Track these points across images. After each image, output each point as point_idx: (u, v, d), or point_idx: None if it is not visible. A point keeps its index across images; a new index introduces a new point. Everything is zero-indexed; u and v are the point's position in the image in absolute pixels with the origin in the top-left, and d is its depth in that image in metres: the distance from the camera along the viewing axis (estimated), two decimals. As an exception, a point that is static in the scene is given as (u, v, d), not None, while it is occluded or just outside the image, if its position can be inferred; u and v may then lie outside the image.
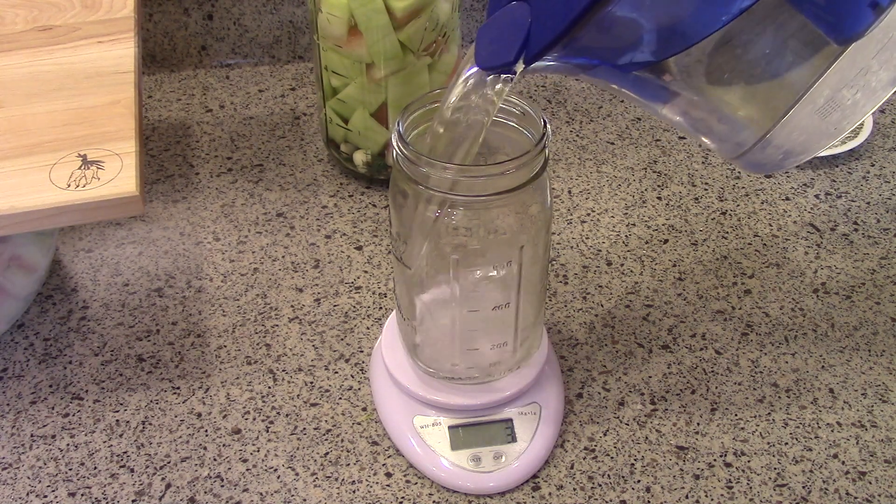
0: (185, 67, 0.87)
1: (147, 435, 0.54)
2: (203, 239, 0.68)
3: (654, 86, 0.42)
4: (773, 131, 0.42)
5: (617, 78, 0.43)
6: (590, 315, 0.62)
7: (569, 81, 0.85)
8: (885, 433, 0.54)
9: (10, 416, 0.56)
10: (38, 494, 0.51)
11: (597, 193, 0.72)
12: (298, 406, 0.56)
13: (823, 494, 0.51)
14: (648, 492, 0.51)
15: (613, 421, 0.55)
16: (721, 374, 0.58)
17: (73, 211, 0.48)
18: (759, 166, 0.45)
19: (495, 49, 0.41)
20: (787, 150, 0.43)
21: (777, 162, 0.44)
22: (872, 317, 0.62)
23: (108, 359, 0.59)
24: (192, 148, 0.77)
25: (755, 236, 0.68)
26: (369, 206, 0.71)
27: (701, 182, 0.73)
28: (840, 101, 0.40)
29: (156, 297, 0.63)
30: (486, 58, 0.41)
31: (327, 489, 0.51)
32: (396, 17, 0.62)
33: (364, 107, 0.67)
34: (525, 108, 0.46)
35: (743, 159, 0.44)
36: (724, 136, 0.44)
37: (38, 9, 0.63)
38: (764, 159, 0.44)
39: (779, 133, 0.42)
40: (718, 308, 0.62)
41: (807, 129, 0.42)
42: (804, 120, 0.41)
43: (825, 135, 0.42)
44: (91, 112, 0.54)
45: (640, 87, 0.43)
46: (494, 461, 0.51)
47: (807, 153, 0.44)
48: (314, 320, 0.62)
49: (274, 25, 0.86)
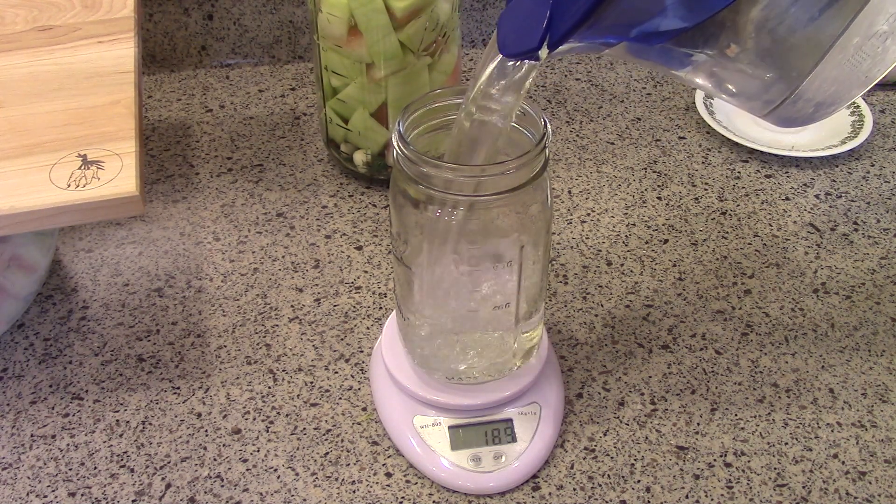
0: (185, 67, 0.87)
1: (147, 435, 0.54)
2: (203, 239, 0.68)
3: (678, 54, 0.42)
4: (803, 85, 0.40)
5: (642, 51, 0.42)
6: (590, 315, 0.62)
7: (569, 81, 0.85)
8: (885, 433, 0.54)
9: (10, 416, 0.56)
10: (38, 494, 0.51)
11: (597, 193, 0.72)
12: (298, 406, 0.56)
13: (823, 494, 0.51)
14: (648, 492, 0.51)
15: (613, 421, 0.55)
16: (721, 374, 0.58)
17: (73, 211, 0.48)
18: (791, 120, 0.44)
19: (518, 36, 0.40)
20: (818, 103, 0.42)
21: (808, 115, 0.43)
22: (872, 317, 0.62)
23: (108, 359, 0.59)
24: (192, 148, 0.77)
25: (755, 236, 0.68)
26: (369, 206, 0.71)
27: (701, 182, 0.73)
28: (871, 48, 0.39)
29: (156, 297, 0.63)
30: (509, 45, 0.41)
31: (327, 489, 0.51)
32: (396, 17, 0.62)
33: (364, 107, 0.67)
34: (525, 108, 0.46)
35: (773, 115, 0.43)
36: (753, 94, 0.43)
37: (38, 9, 0.63)
38: (795, 113, 0.43)
39: (809, 86, 0.41)
40: (718, 308, 0.62)
41: (837, 80, 0.41)
42: (835, 70, 0.40)
43: (856, 84, 0.41)
44: (91, 112, 0.54)
45: (665, 57, 0.42)
46: (494, 461, 0.51)
47: (838, 104, 0.42)
48: (314, 320, 0.62)
49: (274, 25, 0.86)
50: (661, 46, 0.41)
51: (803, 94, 0.41)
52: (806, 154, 0.74)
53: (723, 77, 0.43)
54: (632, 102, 0.83)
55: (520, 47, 0.40)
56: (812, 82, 0.40)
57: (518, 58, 0.41)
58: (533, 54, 0.40)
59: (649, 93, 0.84)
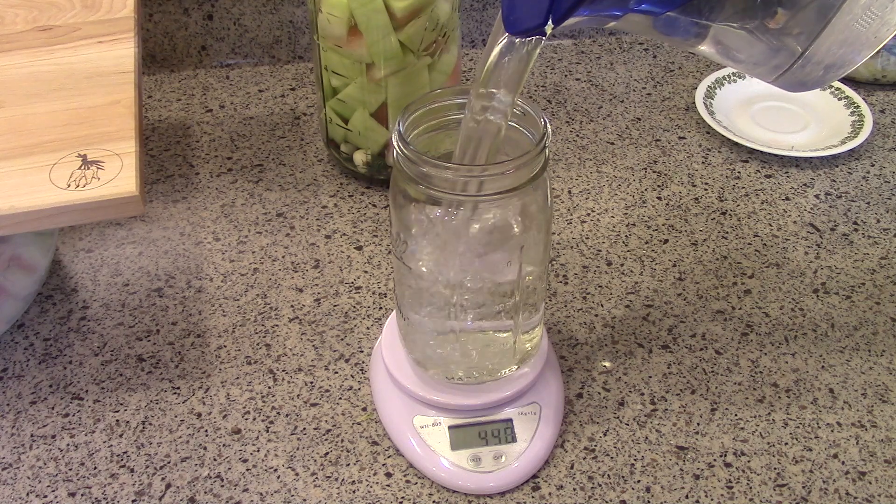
0: (185, 67, 0.87)
1: (147, 435, 0.54)
2: (203, 239, 0.68)
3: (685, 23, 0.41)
4: (811, 47, 0.40)
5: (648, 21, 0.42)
6: (590, 315, 0.62)
7: (569, 81, 0.85)
8: (885, 433, 0.54)
9: (10, 416, 0.56)
10: (38, 494, 0.51)
11: (597, 193, 0.72)
12: (298, 406, 0.56)
13: (823, 494, 0.51)
14: (648, 492, 0.51)
15: (613, 421, 0.55)
16: (721, 374, 0.58)
17: (73, 211, 0.48)
18: (800, 84, 0.44)
19: (523, 13, 0.40)
20: (827, 65, 0.42)
21: (818, 77, 0.43)
22: (872, 317, 0.62)
23: (108, 359, 0.59)
24: (192, 148, 0.77)
25: (755, 236, 0.68)
26: (369, 206, 0.71)
27: (701, 182, 0.73)
28: (879, 7, 0.39)
29: (156, 297, 0.63)
30: (514, 22, 0.41)
31: (327, 489, 0.51)
32: (396, 17, 0.62)
33: (364, 107, 0.67)
34: (525, 108, 0.46)
35: (782, 79, 0.43)
36: (760, 59, 0.43)
37: (38, 9, 0.63)
38: (804, 77, 0.42)
39: (818, 48, 0.40)
40: (718, 308, 0.62)
41: (846, 42, 0.40)
42: (843, 33, 0.40)
43: (866, 45, 0.41)
44: (91, 112, 0.54)
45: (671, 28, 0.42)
46: (494, 461, 0.51)
47: (848, 66, 0.42)
48: (314, 320, 0.62)
49: (274, 25, 0.86)
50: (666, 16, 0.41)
51: (812, 57, 0.41)
52: (806, 154, 0.74)
53: (729, 44, 0.43)
54: (632, 102, 0.83)
55: (525, 24, 0.40)
56: (820, 45, 0.40)
57: (524, 35, 0.41)
58: (539, 29, 0.40)
59: (649, 93, 0.84)
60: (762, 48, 0.42)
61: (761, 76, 0.44)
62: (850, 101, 0.80)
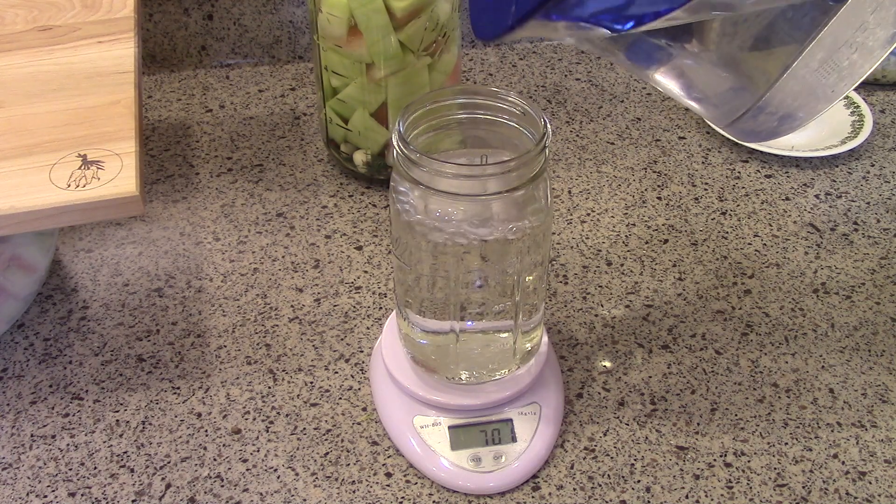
0: (185, 67, 0.87)
1: (147, 435, 0.54)
2: (203, 239, 0.68)
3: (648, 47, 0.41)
4: (766, 96, 0.40)
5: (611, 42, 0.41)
6: (590, 315, 0.62)
7: (569, 81, 0.85)
8: (885, 433, 0.54)
9: (10, 416, 0.56)
10: (38, 494, 0.51)
11: (597, 193, 0.72)
12: (298, 406, 0.56)
13: (823, 494, 0.51)
14: (648, 492, 0.51)
15: (613, 421, 0.55)
16: (721, 374, 0.58)
17: (73, 211, 0.48)
18: (754, 134, 0.43)
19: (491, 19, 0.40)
20: (782, 116, 0.42)
21: (772, 129, 0.42)
22: (872, 317, 0.62)
23: (108, 359, 0.59)
24: (192, 148, 0.77)
25: (755, 236, 0.68)
26: (369, 206, 0.71)
27: (701, 182, 0.73)
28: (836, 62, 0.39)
29: (156, 297, 0.63)
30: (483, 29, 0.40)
31: (327, 489, 0.51)
32: (396, 17, 0.62)
33: (364, 107, 0.67)
34: (525, 108, 0.46)
35: (735, 126, 0.43)
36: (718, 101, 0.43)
37: (38, 9, 0.63)
38: (757, 127, 0.42)
39: (773, 98, 0.40)
40: (718, 308, 0.62)
41: (802, 94, 0.40)
42: (800, 84, 0.40)
43: (822, 99, 0.41)
44: (91, 112, 0.54)
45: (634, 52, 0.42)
46: (494, 461, 0.51)
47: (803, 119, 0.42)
48: (314, 320, 0.62)
49: (274, 25, 0.86)
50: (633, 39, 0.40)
51: (767, 106, 0.41)
52: (806, 154, 0.74)
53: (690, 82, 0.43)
54: (632, 102, 0.83)
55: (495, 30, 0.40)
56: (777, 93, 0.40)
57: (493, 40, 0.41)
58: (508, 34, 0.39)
59: (649, 93, 0.84)
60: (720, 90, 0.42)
61: (717, 119, 0.44)
62: (850, 101, 0.80)
